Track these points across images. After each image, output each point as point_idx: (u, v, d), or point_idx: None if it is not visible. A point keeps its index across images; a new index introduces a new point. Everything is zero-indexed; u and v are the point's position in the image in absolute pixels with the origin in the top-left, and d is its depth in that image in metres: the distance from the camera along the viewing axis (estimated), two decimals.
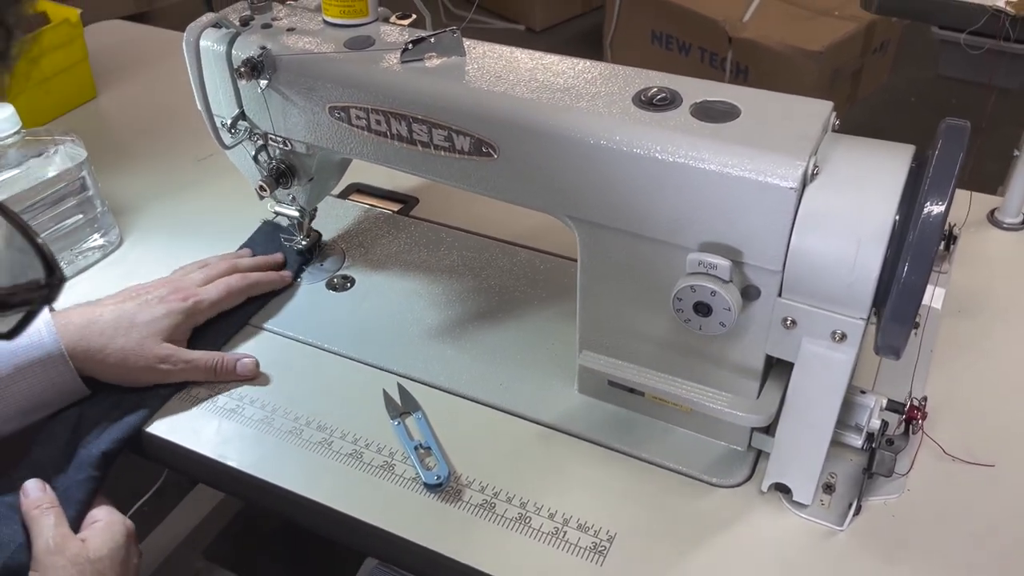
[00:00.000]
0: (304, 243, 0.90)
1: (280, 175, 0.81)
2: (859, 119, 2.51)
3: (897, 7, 1.24)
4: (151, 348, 0.74)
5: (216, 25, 0.74)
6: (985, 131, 1.06)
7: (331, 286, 0.88)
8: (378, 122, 0.69)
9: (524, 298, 0.86)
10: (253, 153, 0.80)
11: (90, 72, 1.23)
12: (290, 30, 0.74)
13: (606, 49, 2.83)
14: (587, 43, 3.03)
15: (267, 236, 0.93)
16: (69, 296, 0.88)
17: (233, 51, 0.74)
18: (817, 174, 0.56)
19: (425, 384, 0.77)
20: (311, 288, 0.88)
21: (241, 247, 0.92)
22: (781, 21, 2.37)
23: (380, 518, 0.67)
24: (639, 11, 2.64)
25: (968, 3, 1.11)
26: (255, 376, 0.78)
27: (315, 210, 0.89)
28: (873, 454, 0.66)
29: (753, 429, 0.68)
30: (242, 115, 0.77)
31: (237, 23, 0.75)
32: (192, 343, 0.79)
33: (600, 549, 0.64)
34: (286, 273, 0.87)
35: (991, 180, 1.03)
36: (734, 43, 2.38)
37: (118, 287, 0.87)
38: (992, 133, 1.10)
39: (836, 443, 0.68)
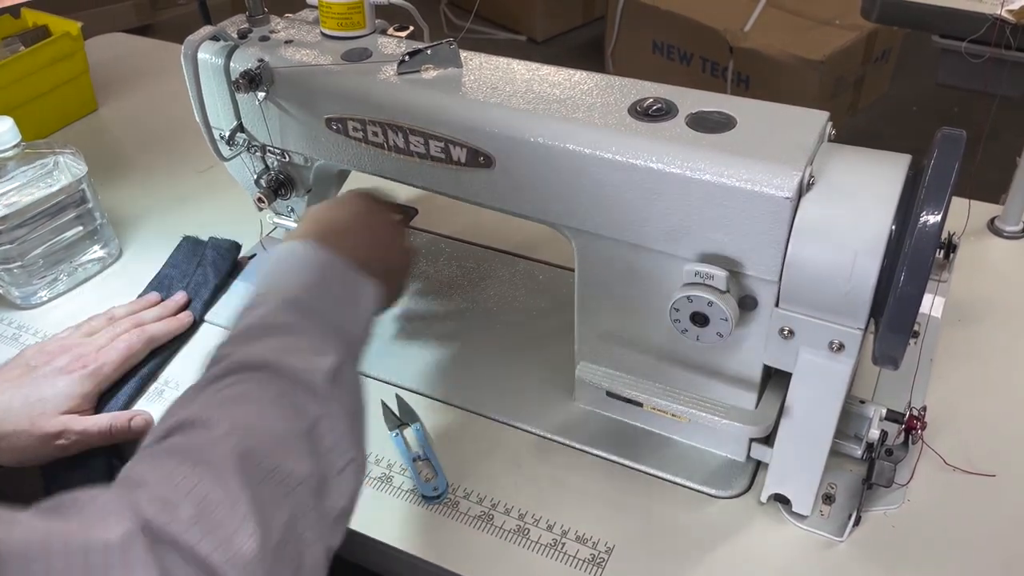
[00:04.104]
0: None
1: (278, 186, 0.81)
2: (860, 128, 2.51)
3: (897, 16, 1.23)
4: (43, 426, 0.70)
5: (214, 38, 0.74)
6: (987, 140, 1.06)
7: None
8: (375, 134, 0.69)
9: (523, 308, 0.86)
10: (251, 165, 0.80)
11: (91, 85, 1.23)
12: (288, 42, 0.74)
13: (607, 59, 2.83)
14: (589, 53, 3.03)
15: (187, 253, 0.93)
16: (70, 307, 0.89)
17: (231, 63, 0.74)
18: (813, 184, 0.56)
19: (423, 395, 0.77)
20: None
21: (163, 267, 0.91)
22: (782, 30, 2.38)
23: (378, 530, 0.66)
24: (640, 21, 2.65)
25: (969, 12, 1.11)
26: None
27: None
28: (872, 464, 0.65)
29: (752, 439, 0.68)
30: (240, 127, 0.77)
31: (235, 36, 0.75)
32: (99, 404, 0.76)
33: (599, 561, 0.64)
34: (185, 316, 0.84)
35: (993, 188, 1.02)
36: (735, 52, 2.38)
37: (118, 299, 0.87)
38: (994, 142, 1.09)
39: (835, 453, 0.68)
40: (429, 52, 0.69)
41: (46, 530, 0.38)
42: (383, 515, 0.67)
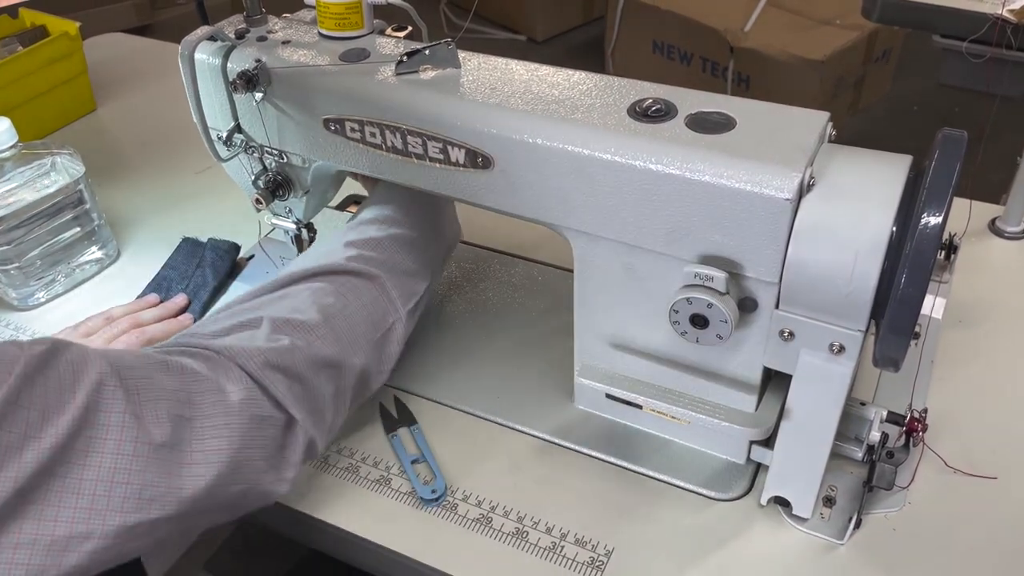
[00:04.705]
0: None
1: (276, 187, 0.80)
2: (861, 128, 2.50)
3: (898, 16, 1.23)
4: None
5: (212, 38, 0.74)
6: (988, 140, 1.05)
7: None
8: (373, 135, 0.69)
9: (522, 309, 0.86)
10: (249, 166, 0.80)
11: (89, 85, 1.23)
12: (285, 43, 0.74)
13: (607, 59, 2.83)
14: (589, 53, 3.03)
15: (186, 255, 0.93)
16: (67, 308, 0.89)
17: (228, 64, 0.73)
18: (813, 185, 0.55)
19: (422, 397, 0.77)
20: None
21: (162, 268, 0.91)
22: (782, 30, 2.37)
23: (376, 533, 0.66)
24: (640, 21, 2.64)
25: (969, 12, 1.11)
26: None
27: (315, 232, 0.89)
28: (873, 467, 0.65)
29: (752, 442, 0.67)
30: (238, 128, 0.77)
31: (232, 36, 0.75)
32: None
33: (598, 564, 0.63)
34: (185, 318, 0.85)
35: (994, 189, 1.02)
36: (735, 52, 2.38)
37: (116, 300, 0.87)
38: (995, 142, 1.09)
39: (836, 455, 0.67)
40: (427, 52, 0.69)
41: (200, 368, 0.58)
42: (381, 517, 0.67)
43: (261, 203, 0.80)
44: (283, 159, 0.78)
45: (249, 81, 0.70)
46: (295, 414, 0.60)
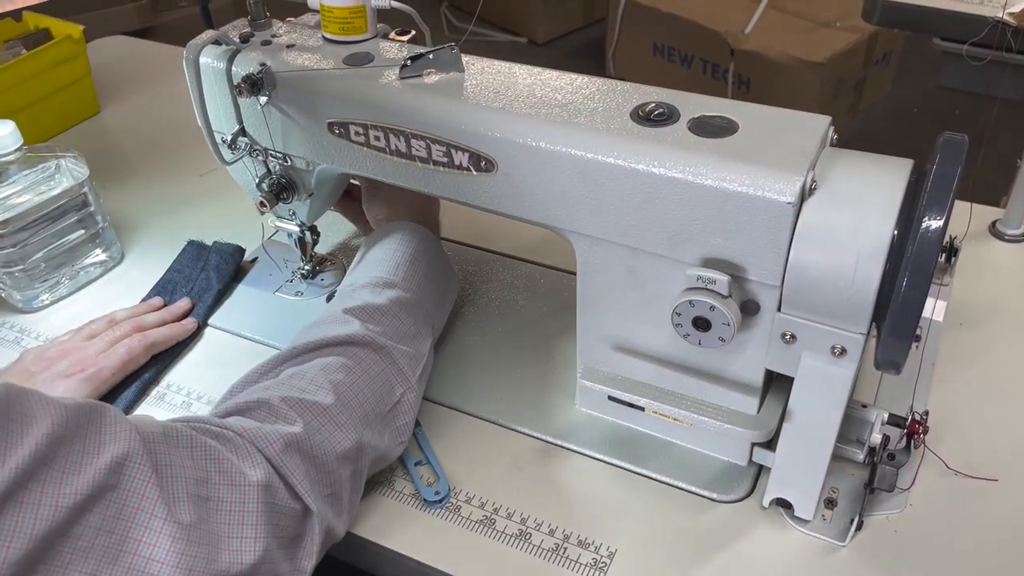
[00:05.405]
0: (308, 267, 0.90)
1: (280, 190, 0.81)
2: (862, 130, 2.51)
3: (898, 18, 1.23)
4: None
5: (216, 42, 0.74)
6: (988, 142, 1.06)
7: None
8: (377, 138, 0.69)
9: (524, 311, 0.86)
10: (253, 169, 0.80)
11: (93, 88, 1.24)
12: (290, 47, 0.74)
13: (608, 61, 2.84)
14: (590, 55, 3.04)
15: (192, 258, 0.93)
16: (71, 311, 0.89)
17: (233, 68, 0.74)
18: (815, 189, 0.56)
19: (425, 399, 0.77)
20: (311, 303, 0.88)
21: (167, 271, 0.92)
22: (783, 32, 2.38)
23: (379, 534, 0.66)
24: (641, 23, 2.65)
25: (969, 14, 1.11)
26: None
27: (318, 234, 0.89)
28: (875, 469, 0.65)
29: (754, 444, 0.68)
30: (242, 131, 0.77)
31: (237, 40, 0.75)
32: None
33: (600, 565, 0.63)
34: (188, 322, 0.85)
35: (994, 191, 1.02)
36: (736, 55, 2.38)
37: (120, 302, 0.88)
38: (995, 144, 1.09)
39: (837, 458, 0.68)
40: (431, 56, 0.69)
41: (222, 448, 0.56)
42: (384, 519, 0.67)
43: (265, 206, 0.80)
44: (287, 162, 0.78)
45: (253, 85, 0.71)
46: (311, 505, 0.59)
